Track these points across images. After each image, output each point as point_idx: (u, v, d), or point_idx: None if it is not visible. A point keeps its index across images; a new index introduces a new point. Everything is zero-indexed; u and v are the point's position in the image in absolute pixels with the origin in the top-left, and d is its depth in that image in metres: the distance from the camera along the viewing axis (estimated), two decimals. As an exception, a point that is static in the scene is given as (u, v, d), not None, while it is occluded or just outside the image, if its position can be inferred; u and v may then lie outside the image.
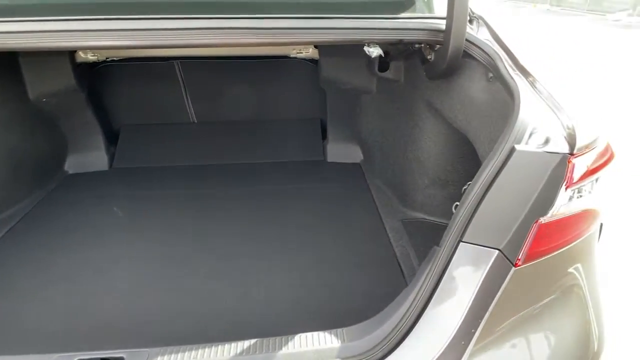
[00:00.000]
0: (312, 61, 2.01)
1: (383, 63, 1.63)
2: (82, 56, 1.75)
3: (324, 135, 2.19)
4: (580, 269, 0.96)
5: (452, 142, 1.46)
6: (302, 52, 1.84)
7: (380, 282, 1.34)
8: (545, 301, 0.89)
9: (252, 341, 0.87)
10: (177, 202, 1.75)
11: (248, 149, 2.15)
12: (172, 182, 1.92)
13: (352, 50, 1.63)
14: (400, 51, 1.50)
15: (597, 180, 0.94)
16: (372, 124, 1.95)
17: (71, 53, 1.73)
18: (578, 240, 0.91)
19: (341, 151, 2.13)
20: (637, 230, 2.41)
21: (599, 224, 0.99)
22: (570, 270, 0.94)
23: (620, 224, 2.41)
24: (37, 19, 1.05)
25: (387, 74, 1.66)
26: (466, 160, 1.46)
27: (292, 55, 1.90)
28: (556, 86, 1.05)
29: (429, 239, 0.93)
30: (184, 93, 2.16)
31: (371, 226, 1.62)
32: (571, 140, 0.83)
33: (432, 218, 1.64)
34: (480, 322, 0.83)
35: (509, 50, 1.11)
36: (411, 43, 1.24)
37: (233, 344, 0.86)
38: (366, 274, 1.38)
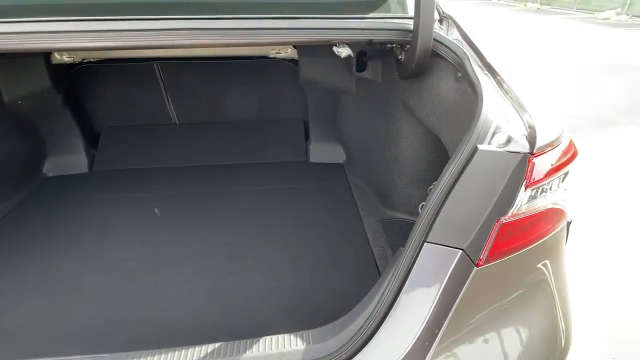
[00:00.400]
0: (293, 61, 2.00)
1: (361, 63, 1.63)
2: (57, 57, 1.73)
3: (307, 136, 2.19)
4: (547, 267, 0.96)
5: (427, 141, 1.46)
6: (281, 52, 1.83)
7: (356, 282, 1.34)
8: (509, 300, 0.89)
9: (217, 345, 0.86)
10: (157, 204, 1.74)
11: (230, 150, 2.14)
12: (152, 184, 1.91)
13: (330, 50, 1.63)
14: (376, 51, 1.50)
15: (562, 178, 0.94)
16: (352, 124, 1.95)
17: (46, 54, 1.70)
18: (543, 239, 0.91)
19: (323, 151, 2.12)
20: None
21: (566, 222, 0.99)
22: (536, 268, 0.94)
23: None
24: (7, 21, 1.03)
25: (365, 74, 1.65)
26: (442, 159, 1.46)
27: (271, 56, 1.89)
28: (524, 85, 1.05)
29: (407, 238, 0.93)
30: (164, 94, 2.15)
31: (350, 226, 1.62)
32: (532, 140, 0.83)
33: (410, 218, 1.64)
34: (443, 323, 0.83)
35: (478, 50, 1.11)
36: (382, 43, 1.24)
37: (197, 348, 0.85)
38: (343, 275, 1.37)
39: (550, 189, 0.91)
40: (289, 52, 1.82)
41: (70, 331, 1.14)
